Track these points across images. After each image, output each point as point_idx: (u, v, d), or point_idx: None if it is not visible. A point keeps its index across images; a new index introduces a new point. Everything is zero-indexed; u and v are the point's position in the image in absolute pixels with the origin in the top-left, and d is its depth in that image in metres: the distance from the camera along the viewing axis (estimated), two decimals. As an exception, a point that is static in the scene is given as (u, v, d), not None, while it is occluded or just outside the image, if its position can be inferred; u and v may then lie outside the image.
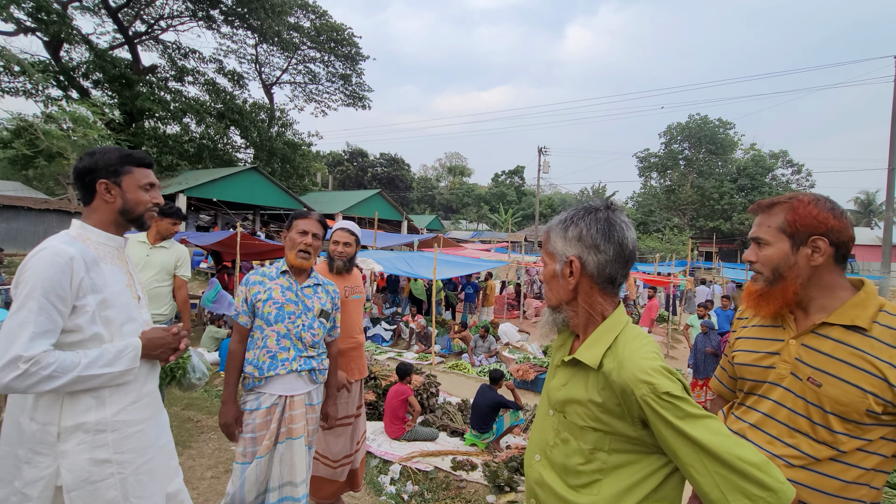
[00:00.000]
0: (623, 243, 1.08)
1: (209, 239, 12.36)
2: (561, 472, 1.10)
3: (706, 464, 0.91)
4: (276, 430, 2.09)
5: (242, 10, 23.63)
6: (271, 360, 2.11)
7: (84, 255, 1.40)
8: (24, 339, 1.26)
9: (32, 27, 18.73)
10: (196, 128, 25.90)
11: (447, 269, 9.37)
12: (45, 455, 1.36)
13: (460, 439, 4.68)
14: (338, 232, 2.80)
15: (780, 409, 1.21)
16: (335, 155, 48.83)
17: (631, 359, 1.00)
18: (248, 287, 2.17)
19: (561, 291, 1.14)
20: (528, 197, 47.78)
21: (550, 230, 1.17)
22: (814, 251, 1.17)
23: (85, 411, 1.39)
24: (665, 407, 0.94)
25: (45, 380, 1.27)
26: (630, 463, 1.02)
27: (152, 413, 1.57)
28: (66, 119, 15.75)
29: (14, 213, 15.34)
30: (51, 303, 1.31)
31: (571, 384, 1.11)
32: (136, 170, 1.55)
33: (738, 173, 37.01)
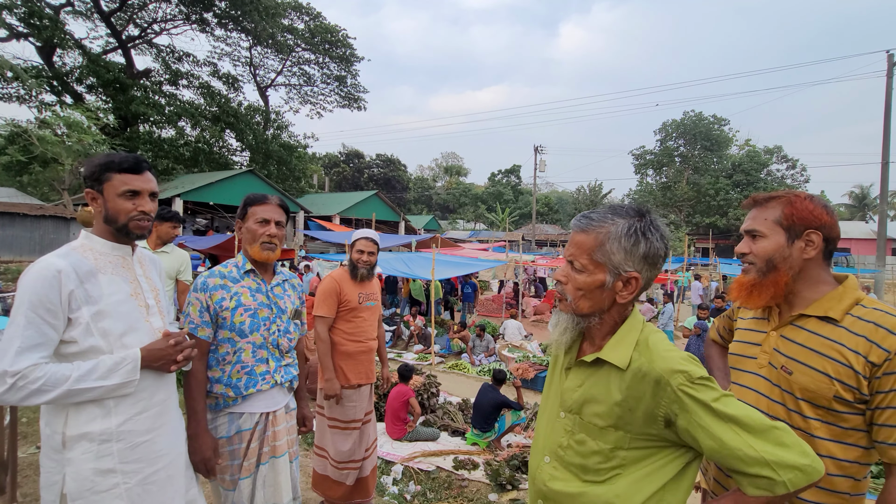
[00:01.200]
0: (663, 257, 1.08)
1: (206, 243, 12.36)
2: (578, 472, 1.09)
3: (754, 445, 0.93)
4: (257, 449, 1.84)
5: (236, 12, 23.57)
6: (248, 376, 1.81)
7: (77, 268, 1.39)
8: (11, 354, 1.28)
9: (25, 32, 18.65)
10: (191, 131, 25.84)
11: (445, 270, 9.40)
12: (55, 461, 1.38)
13: (461, 439, 4.71)
14: (362, 241, 2.86)
15: (761, 398, 1.28)
16: (331, 156, 48.78)
17: (661, 353, 1.02)
18: (207, 293, 1.78)
19: (603, 302, 1.09)
20: (525, 196, 47.85)
21: (608, 237, 1.06)
22: (807, 244, 1.22)
23: (90, 420, 1.38)
24: (701, 391, 0.97)
25: (35, 393, 1.28)
26: (649, 456, 1.05)
27: (165, 422, 1.54)
28: (60, 124, 15.67)
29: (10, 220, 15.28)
30: (39, 316, 1.31)
31: (589, 385, 1.10)
32: (116, 176, 1.47)
33: (733, 169, 37.19)
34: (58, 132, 15.56)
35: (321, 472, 2.86)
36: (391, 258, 10.43)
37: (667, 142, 42.46)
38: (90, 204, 1.50)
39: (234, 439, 1.81)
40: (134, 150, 21.90)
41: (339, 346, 2.81)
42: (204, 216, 23.29)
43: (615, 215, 1.07)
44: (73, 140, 15.11)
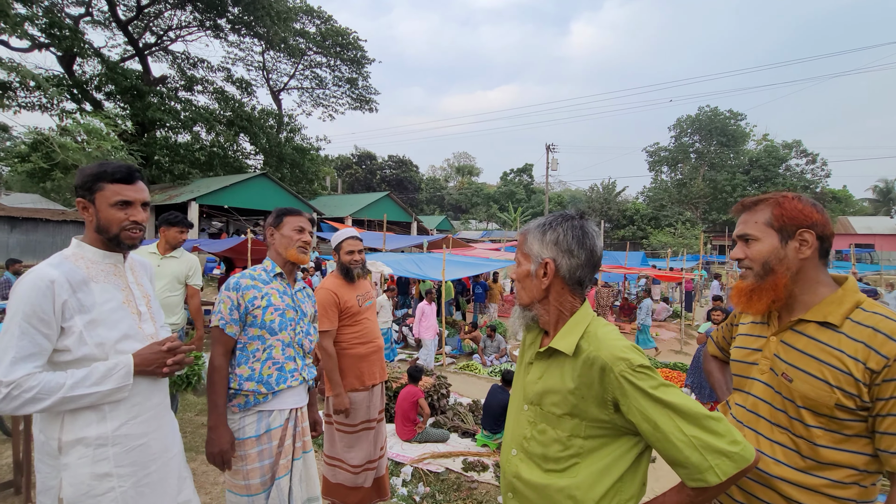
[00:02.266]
0: (593, 250, 1.19)
1: (221, 246, 12.54)
2: (540, 462, 1.17)
3: (684, 429, 1.00)
4: (291, 446, 1.91)
5: (249, 18, 23.89)
6: (279, 372, 1.89)
7: (70, 277, 1.39)
8: (5, 364, 1.29)
9: (46, 43, 19.16)
10: (206, 136, 26.26)
11: (456, 270, 9.37)
12: (51, 466, 1.39)
13: (471, 440, 4.68)
14: (349, 241, 2.79)
15: (762, 405, 1.25)
16: (343, 158, 49.14)
17: (606, 341, 1.11)
18: (239, 292, 1.87)
19: (534, 290, 1.22)
20: (538, 195, 47.55)
21: (528, 233, 1.24)
22: (801, 244, 1.20)
23: (85, 426, 1.39)
24: (641, 378, 1.04)
25: (30, 402, 1.30)
26: (604, 445, 1.12)
27: (158, 425, 1.56)
28: (80, 131, 16.07)
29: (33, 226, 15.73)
30: (33, 326, 1.32)
31: (547, 376, 1.19)
32: (109, 186, 1.47)
33: (750, 165, 36.45)
34: (78, 139, 15.97)
35: (333, 481, 2.82)
36: (402, 259, 10.44)
37: (681, 138, 41.81)
38: (81, 213, 1.50)
39: (262, 439, 1.84)
40: (151, 156, 22.37)
41: (350, 350, 2.77)
42: (219, 219, 23.65)
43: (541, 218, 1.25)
44: (93, 146, 15.49)
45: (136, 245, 1.56)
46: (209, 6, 23.02)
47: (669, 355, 9.15)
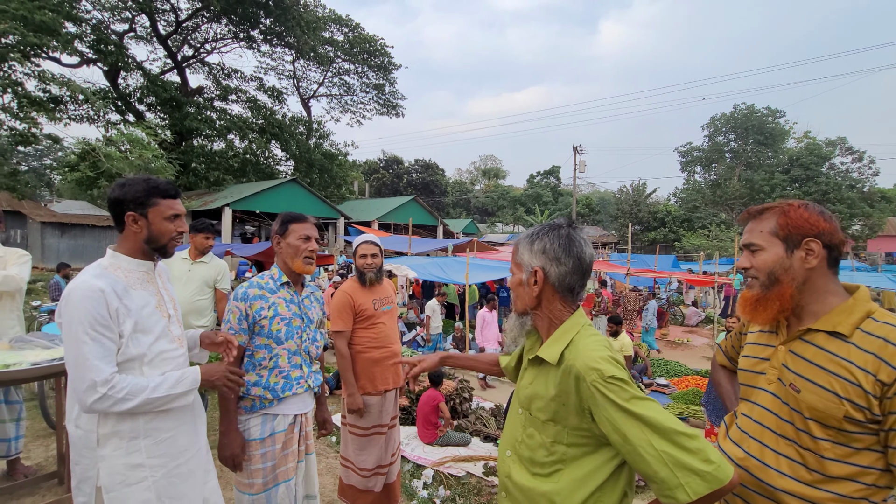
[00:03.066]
0: (581, 257, 1.21)
1: (252, 250, 12.95)
2: (528, 465, 1.20)
3: (654, 443, 1.00)
4: (296, 449, 1.99)
5: (280, 28, 24.66)
6: (285, 380, 1.95)
7: (114, 286, 1.49)
8: (94, 369, 1.39)
9: (93, 58, 20.35)
10: (240, 143, 27.21)
11: (481, 274, 9.37)
12: (89, 458, 1.51)
13: (493, 445, 4.66)
14: (363, 245, 2.82)
15: (769, 416, 1.22)
16: (371, 163, 49.86)
17: (584, 351, 1.12)
18: (247, 302, 1.91)
19: (526, 298, 1.26)
20: (565, 197, 46.90)
21: (518, 243, 1.29)
22: (807, 253, 1.17)
23: (119, 420, 1.50)
24: (612, 389, 1.05)
25: (120, 402, 1.42)
26: (586, 454, 1.14)
27: (186, 420, 1.66)
28: (123, 141, 16.97)
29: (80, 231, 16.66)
30: (98, 332, 1.42)
31: (536, 382, 1.23)
32: (162, 201, 1.61)
33: (790, 164, 34.80)
34: (122, 148, 16.86)
35: (346, 482, 2.87)
36: (427, 263, 10.51)
37: (716, 137, 40.36)
38: (130, 226, 1.59)
39: (266, 441, 1.90)
40: (188, 163, 23.35)
41: (364, 354, 2.80)
42: (252, 224, 24.44)
43: (530, 229, 1.29)
44: (135, 155, 16.32)
45: (172, 254, 1.71)
46: (243, 18, 23.90)
47: (701, 362, 8.85)
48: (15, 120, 16.18)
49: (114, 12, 21.40)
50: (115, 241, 1.66)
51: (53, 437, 3.70)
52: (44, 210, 19.19)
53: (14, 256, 2.89)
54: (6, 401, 2.88)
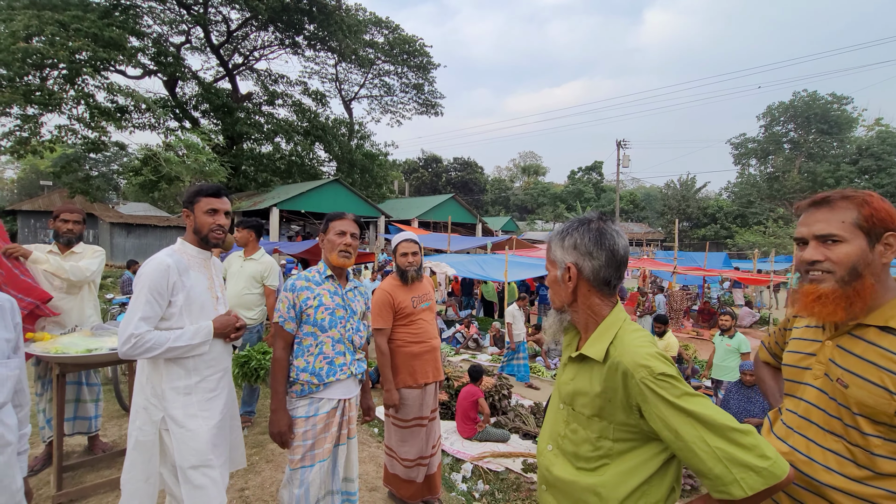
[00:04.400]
0: (614, 250, 1.20)
1: (298, 248, 13.49)
2: (571, 459, 1.20)
3: (707, 439, 0.99)
4: (336, 433, 2.12)
5: (323, 33, 25.44)
6: (329, 365, 2.10)
7: (178, 265, 1.92)
8: (135, 321, 1.80)
9: (154, 70, 21.81)
10: (286, 146, 28.31)
11: (520, 271, 9.32)
12: (156, 407, 1.90)
13: (532, 442, 4.66)
14: (403, 244, 2.88)
15: (815, 411, 1.19)
16: (410, 162, 50.46)
17: (630, 347, 1.12)
18: (295, 293, 2.10)
19: (563, 294, 1.26)
20: (608, 193, 45.61)
21: (551, 241, 1.31)
22: (886, 248, 1.12)
23: (177, 378, 1.91)
24: (662, 386, 1.04)
25: (148, 350, 1.81)
26: (632, 449, 1.13)
27: (224, 384, 2.06)
28: (181, 146, 18.11)
29: (144, 231, 17.94)
30: (153, 298, 1.84)
31: (578, 378, 1.22)
32: (203, 199, 2.00)
33: (858, 154, 32.17)
34: (179, 153, 18.00)
35: (391, 471, 2.96)
36: (466, 261, 10.57)
37: (773, 127, 37.98)
38: (185, 220, 2.06)
39: (309, 421, 2.07)
40: (238, 166, 24.56)
41: (405, 349, 2.86)
42: (297, 223, 25.40)
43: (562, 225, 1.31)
44: (191, 160, 17.37)
45: (219, 243, 2.04)
46: (288, 25, 24.85)
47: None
48: (87, 129, 17.63)
49: (172, 25, 22.85)
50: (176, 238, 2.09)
51: (125, 418, 4.06)
52: (112, 212, 20.80)
53: (90, 252, 3.20)
54: (87, 383, 3.20)
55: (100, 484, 2.77)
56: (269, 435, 2.11)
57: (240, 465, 2.20)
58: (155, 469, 1.90)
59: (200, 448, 1.88)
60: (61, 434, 2.62)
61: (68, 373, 2.70)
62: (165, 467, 1.92)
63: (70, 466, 2.91)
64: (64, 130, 17.34)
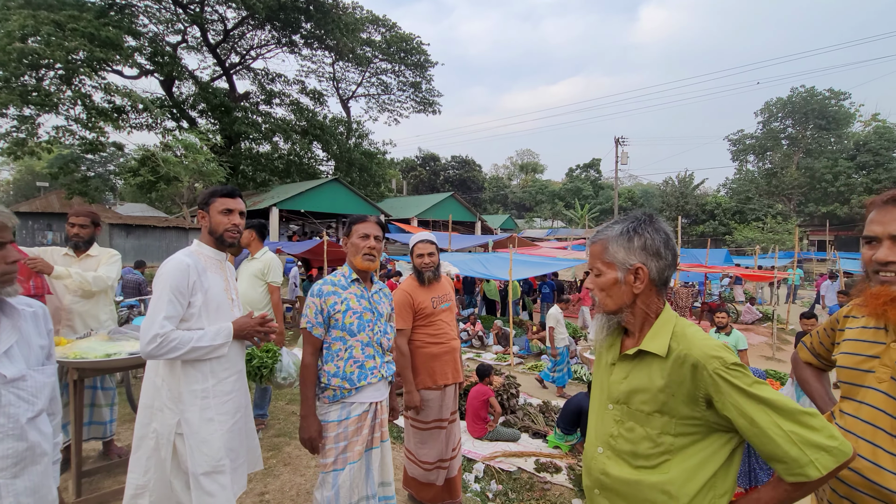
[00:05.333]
0: (675, 250, 1.25)
1: (299, 248, 13.45)
2: (629, 459, 1.19)
3: (781, 424, 1.02)
4: (368, 435, 2.11)
5: (320, 32, 25.34)
6: (360, 369, 2.09)
7: (196, 265, 1.92)
8: (159, 321, 1.78)
9: (151, 69, 21.67)
10: (284, 145, 28.21)
11: (523, 270, 9.30)
12: (172, 410, 1.87)
13: (542, 441, 4.66)
14: (420, 245, 2.85)
15: (882, 416, 1.16)
16: (408, 161, 50.37)
17: (697, 341, 1.14)
18: (322, 298, 2.08)
19: (623, 297, 1.24)
20: (606, 190, 45.64)
21: (609, 241, 1.25)
22: None
23: (195, 381, 1.88)
24: (735, 376, 1.07)
25: (171, 350, 1.78)
26: (695, 443, 1.13)
27: (240, 386, 2.06)
28: (179, 147, 18.01)
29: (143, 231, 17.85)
30: (175, 297, 1.82)
31: (633, 376, 1.22)
32: (218, 200, 2.01)
33: (856, 149, 32.28)
34: (177, 154, 17.90)
35: (410, 474, 2.95)
36: (468, 259, 10.55)
37: (771, 123, 38.07)
38: (199, 221, 2.05)
39: (341, 424, 2.07)
40: (237, 166, 24.45)
41: (424, 349, 2.85)
42: (296, 223, 25.33)
43: (614, 223, 1.27)
44: (190, 160, 17.28)
45: (234, 243, 2.04)
46: (285, 24, 24.73)
47: (760, 361, 8.43)
48: (85, 130, 17.51)
49: (168, 25, 22.70)
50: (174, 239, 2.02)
51: (137, 422, 4.04)
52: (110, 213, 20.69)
53: (106, 256, 3.17)
54: (102, 387, 3.18)
55: (118, 490, 2.74)
56: (299, 441, 2.09)
57: (257, 467, 2.19)
58: (167, 475, 1.87)
59: (214, 454, 1.87)
60: (80, 439, 2.59)
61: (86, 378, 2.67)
62: (176, 475, 1.88)
63: (86, 472, 2.88)
64: (62, 131, 17.24)
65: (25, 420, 1.21)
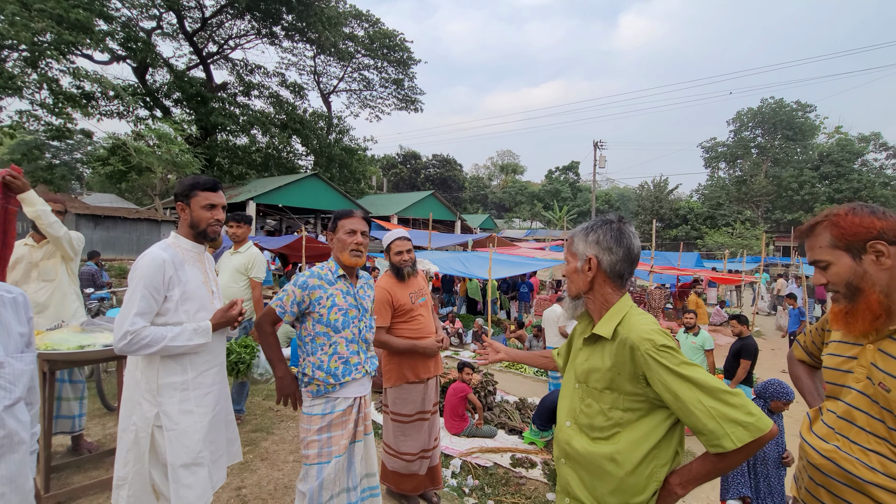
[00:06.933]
0: (630, 248, 1.37)
1: (277, 243, 13.24)
2: (588, 431, 1.35)
3: (703, 400, 1.15)
4: (352, 429, 2.13)
5: (302, 24, 24.94)
6: (345, 365, 2.10)
7: (174, 259, 1.87)
8: (130, 317, 1.75)
9: (123, 55, 20.92)
10: (262, 138, 27.68)
11: (502, 269, 9.40)
12: (150, 402, 1.86)
13: (518, 437, 4.74)
14: (397, 242, 2.88)
15: (857, 414, 1.22)
16: (389, 158, 50.11)
17: (637, 325, 1.29)
18: (306, 291, 2.06)
19: (580, 283, 1.42)
20: (584, 193, 46.45)
21: (574, 236, 1.46)
22: (877, 255, 1.16)
23: (173, 374, 1.87)
24: (664, 356, 1.21)
25: (144, 347, 1.76)
26: (640, 417, 1.28)
27: (220, 379, 2.05)
28: (152, 136, 17.45)
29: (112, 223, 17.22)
30: (150, 293, 1.79)
31: (592, 357, 1.38)
32: (200, 194, 1.95)
33: (820, 160, 33.78)
34: (150, 143, 17.34)
35: (390, 469, 2.96)
36: (448, 257, 10.59)
37: (742, 132, 39.46)
38: (179, 214, 1.99)
39: (325, 418, 2.09)
40: (213, 158, 23.86)
41: None
42: (274, 218, 24.89)
43: (584, 223, 1.46)
44: (163, 150, 16.77)
45: (216, 238, 2.01)
46: (266, 15, 24.23)
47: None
48: (51, 115, 16.78)
49: (142, 10, 21.94)
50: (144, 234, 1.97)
51: (109, 417, 3.93)
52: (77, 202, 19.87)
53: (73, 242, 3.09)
54: (71, 380, 3.09)
55: (88, 485, 2.68)
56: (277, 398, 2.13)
57: (236, 459, 2.19)
58: (145, 467, 1.86)
59: (194, 446, 1.86)
60: (49, 433, 2.52)
61: (57, 370, 2.60)
62: (155, 466, 1.87)
63: (55, 467, 2.80)
64: (25, 116, 16.48)
65: (2, 408, 1.18)
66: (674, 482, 1.26)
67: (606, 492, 1.29)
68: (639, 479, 1.25)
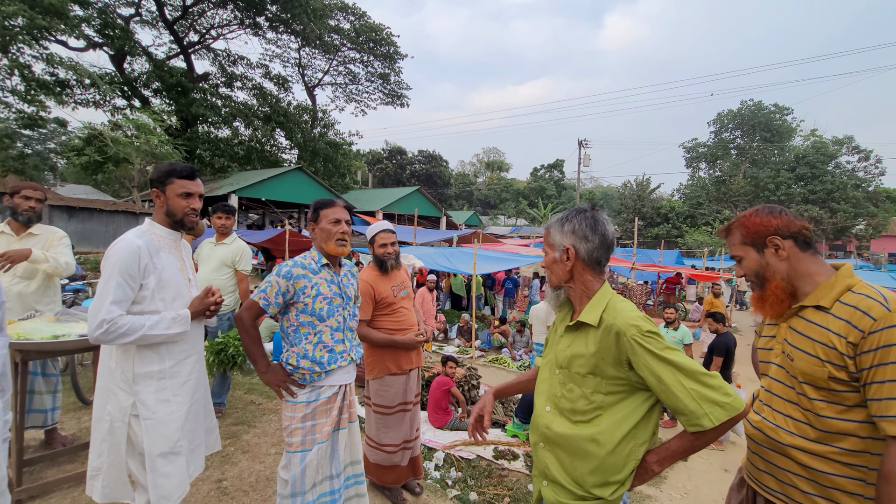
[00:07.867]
0: (605, 234, 1.42)
1: (260, 237, 13.05)
2: (569, 415, 1.40)
3: (683, 382, 1.23)
4: (336, 417, 2.13)
5: (286, 15, 24.52)
6: (329, 354, 2.10)
7: (149, 246, 1.83)
8: (105, 305, 1.70)
9: (100, 42, 20.29)
10: (245, 131, 27.18)
11: (487, 265, 9.44)
12: (126, 392, 1.82)
13: (501, 430, 4.79)
14: (382, 234, 2.89)
15: (776, 384, 1.40)
16: (374, 153, 49.78)
17: (622, 312, 1.34)
18: (290, 281, 2.03)
19: (560, 273, 1.47)
20: (568, 191, 46.90)
21: (550, 227, 1.50)
22: (776, 249, 1.38)
23: (150, 363, 1.84)
24: (649, 342, 1.28)
25: (121, 336, 1.72)
26: (621, 400, 1.35)
27: (198, 368, 2.02)
28: (130, 126, 16.98)
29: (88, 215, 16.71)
30: (125, 280, 1.74)
31: (575, 344, 1.43)
32: (176, 181, 1.90)
33: (796, 162, 34.67)
34: (128, 134, 16.88)
35: (371, 461, 2.97)
36: (433, 253, 10.58)
37: (722, 133, 40.25)
38: (154, 201, 1.95)
39: (310, 405, 2.08)
40: (193, 150, 23.35)
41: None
42: (256, 211, 24.51)
43: (559, 214, 1.49)
44: (142, 141, 16.34)
45: (193, 227, 1.97)
46: (249, 4, 23.75)
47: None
48: (23, 103, 16.20)
49: (121, -4, 21.31)
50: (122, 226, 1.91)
51: (84, 411, 3.84)
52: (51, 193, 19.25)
53: (55, 238, 3.00)
54: (43, 373, 3.00)
55: (62, 479, 2.62)
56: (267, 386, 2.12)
57: (215, 448, 2.17)
58: (121, 456, 1.83)
59: (171, 434, 1.84)
60: (21, 426, 2.45)
61: (30, 360, 2.53)
62: (132, 456, 1.84)
63: (27, 461, 2.73)
64: (-5, 103, 15.87)
65: None
66: (651, 460, 1.34)
67: (586, 471, 1.34)
68: (618, 458, 1.32)
